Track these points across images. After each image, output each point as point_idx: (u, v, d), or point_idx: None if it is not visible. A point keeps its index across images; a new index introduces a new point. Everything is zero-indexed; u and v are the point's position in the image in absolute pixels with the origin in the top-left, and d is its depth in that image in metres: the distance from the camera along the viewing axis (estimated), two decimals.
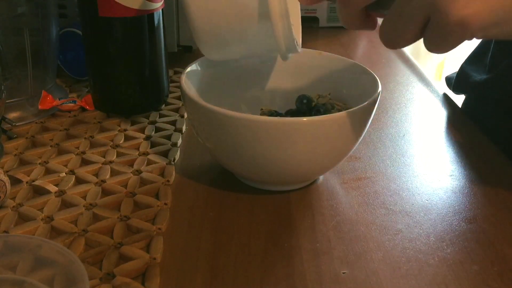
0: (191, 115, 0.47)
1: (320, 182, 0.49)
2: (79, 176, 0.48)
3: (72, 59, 0.67)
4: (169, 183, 0.48)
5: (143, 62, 0.58)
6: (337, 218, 0.44)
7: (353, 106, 0.43)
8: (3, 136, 0.54)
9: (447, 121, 0.62)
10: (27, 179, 0.48)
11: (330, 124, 0.42)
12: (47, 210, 0.44)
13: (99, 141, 0.54)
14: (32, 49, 0.57)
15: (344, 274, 0.38)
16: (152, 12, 0.56)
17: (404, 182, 0.49)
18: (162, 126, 0.58)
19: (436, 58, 1.97)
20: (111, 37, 0.56)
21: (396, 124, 0.60)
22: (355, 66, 0.52)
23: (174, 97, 0.65)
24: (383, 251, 0.41)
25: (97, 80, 0.59)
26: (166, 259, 0.40)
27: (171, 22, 0.73)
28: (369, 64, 0.78)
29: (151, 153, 0.53)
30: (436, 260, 0.40)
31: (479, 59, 0.67)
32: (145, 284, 0.37)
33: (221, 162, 0.48)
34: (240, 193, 0.47)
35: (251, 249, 0.41)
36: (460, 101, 0.71)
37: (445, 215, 0.45)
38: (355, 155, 0.54)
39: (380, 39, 0.37)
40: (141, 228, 0.42)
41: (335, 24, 0.96)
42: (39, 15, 0.57)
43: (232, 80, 0.53)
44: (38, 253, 0.35)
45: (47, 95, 0.59)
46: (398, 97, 0.67)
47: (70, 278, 0.33)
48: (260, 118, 0.43)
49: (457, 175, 0.51)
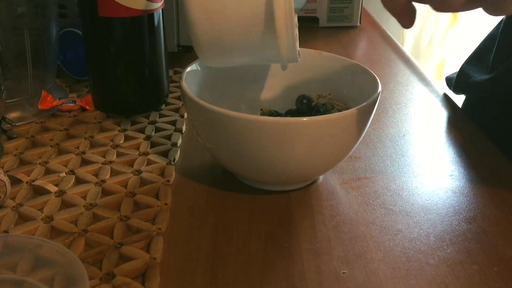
0: (191, 115, 0.47)
1: (320, 182, 0.49)
2: (79, 176, 0.48)
3: (72, 59, 0.67)
4: (169, 183, 0.48)
5: (143, 62, 0.58)
6: (337, 218, 0.44)
7: (353, 106, 0.43)
8: (3, 136, 0.54)
9: (447, 121, 0.62)
10: (27, 179, 0.48)
11: (330, 124, 0.42)
12: (47, 210, 0.44)
13: (99, 141, 0.54)
14: (32, 49, 0.57)
15: (344, 274, 0.38)
16: (152, 12, 0.56)
17: (404, 182, 0.49)
18: (162, 126, 0.58)
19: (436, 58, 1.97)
20: (111, 37, 0.56)
21: (396, 124, 0.60)
22: (355, 66, 0.52)
23: (174, 97, 0.65)
24: (383, 251, 0.41)
25: (97, 80, 0.59)
26: (166, 259, 0.40)
27: (171, 22, 0.73)
28: (369, 64, 0.78)
29: (151, 153, 0.53)
30: (436, 260, 0.40)
31: (479, 59, 0.67)
32: (145, 284, 0.37)
33: (221, 162, 0.48)
34: (240, 193, 0.47)
35: (251, 249, 0.41)
36: (460, 101, 0.71)
37: (445, 215, 0.45)
38: (355, 155, 0.54)
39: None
40: (141, 228, 0.42)
41: (335, 24, 0.96)
42: (39, 15, 0.57)
43: (232, 80, 0.53)
44: (38, 253, 0.35)
45: (47, 95, 0.59)
46: (398, 97, 0.67)
47: (70, 278, 0.33)
48: (260, 118, 0.43)
49: (457, 175, 0.51)
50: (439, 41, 1.94)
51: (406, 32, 1.89)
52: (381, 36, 0.93)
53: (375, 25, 0.99)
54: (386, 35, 0.93)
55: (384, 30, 0.96)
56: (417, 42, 1.94)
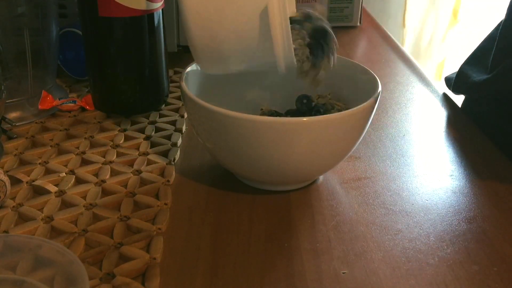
0: (191, 115, 0.47)
1: (320, 182, 0.49)
2: (79, 176, 0.48)
3: (72, 59, 0.67)
4: (169, 183, 0.48)
5: (143, 62, 0.58)
6: (337, 218, 0.44)
7: (353, 106, 0.43)
8: (3, 136, 0.54)
9: (447, 121, 0.62)
10: (27, 179, 0.48)
11: (330, 124, 0.42)
12: (47, 210, 0.44)
13: (99, 141, 0.54)
14: (32, 49, 0.57)
15: (344, 274, 0.38)
16: (152, 12, 0.56)
17: (404, 182, 0.49)
18: (162, 126, 0.58)
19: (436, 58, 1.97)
20: (111, 37, 0.56)
21: (396, 124, 0.60)
22: (355, 66, 0.52)
23: (174, 97, 0.65)
24: (383, 251, 0.41)
25: (97, 80, 0.59)
26: (166, 259, 0.40)
27: (171, 22, 0.73)
28: (369, 64, 0.78)
29: (151, 153, 0.53)
30: (436, 260, 0.40)
31: (479, 60, 0.67)
32: (145, 284, 0.37)
33: (221, 162, 0.48)
34: (240, 193, 0.47)
35: (251, 249, 0.41)
36: (460, 101, 0.71)
37: (445, 215, 0.45)
38: (355, 155, 0.54)
39: None
40: (141, 228, 0.42)
41: (335, 24, 0.96)
42: (39, 15, 0.57)
43: (232, 80, 0.53)
44: (38, 253, 0.35)
45: (47, 95, 0.59)
46: (398, 97, 0.67)
47: (70, 278, 0.33)
48: (260, 118, 0.43)
49: (457, 175, 0.51)
50: (439, 41, 1.94)
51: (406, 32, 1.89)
52: (381, 36, 0.93)
53: (375, 25, 0.99)
54: (386, 35, 0.93)
55: (384, 30, 0.96)
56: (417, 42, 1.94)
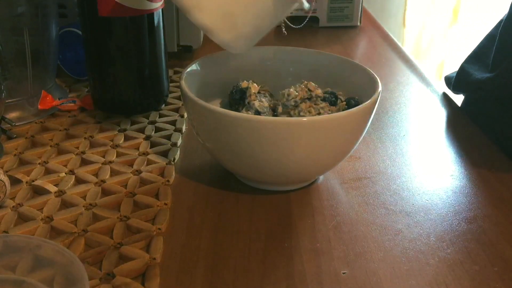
0: (191, 115, 0.47)
1: (320, 182, 0.49)
2: (79, 176, 0.48)
3: (72, 59, 0.67)
4: (169, 183, 0.48)
5: (143, 62, 0.58)
6: (337, 218, 0.44)
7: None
8: (3, 136, 0.54)
9: (447, 121, 0.62)
10: (27, 179, 0.48)
11: (330, 124, 0.42)
12: (46, 210, 0.44)
13: (99, 141, 0.54)
14: (32, 49, 0.57)
15: (344, 274, 0.38)
16: (152, 12, 0.56)
17: (404, 182, 0.49)
18: (162, 126, 0.58)
19: (436, 58, 1.97)
20: (111, 37, 0.56)
21: (396, 124, 0.60)
22: (355, 66, 0.52)
23: (174, 97, 0.65)
24: (383, 251, 0.41)
25: (97, 80, 0.59)
26: (166, 259, 0.40)
27: (171, 22, 0.73)
28: (369, 64, 0.78)
29: (151, 153, 0.53)
30: (436, 260, 0.40)
31: (479, 58, 0.67)
32: (145, 284, 0.37)
33: (221, 162, 0.48)
34: (240, 193, 0.47)
35: (251, 249, 0.41)
36: (460, 101, 0.71)
37: (445, 215, 0.45)
38: (355, 155, 0.54)
39: None
40: (141, 228, 0.42)
41: (335, 24, 0.96)
42: (39, 15, 0.57)
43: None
44: (38, 253, 0.35)
45: (46, 95, 0.59)
46: (398, 97, 0.67)
47: (70, 278, 0.33)
48: (260, 118, 0.43)
49: (457, 175, 0.51)
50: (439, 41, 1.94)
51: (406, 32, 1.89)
52: (381, 36, 0.93)
53: (375, 25, 0.99)
54: (386, 35, 0.93)
55: (384, 30, 0.96)
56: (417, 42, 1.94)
